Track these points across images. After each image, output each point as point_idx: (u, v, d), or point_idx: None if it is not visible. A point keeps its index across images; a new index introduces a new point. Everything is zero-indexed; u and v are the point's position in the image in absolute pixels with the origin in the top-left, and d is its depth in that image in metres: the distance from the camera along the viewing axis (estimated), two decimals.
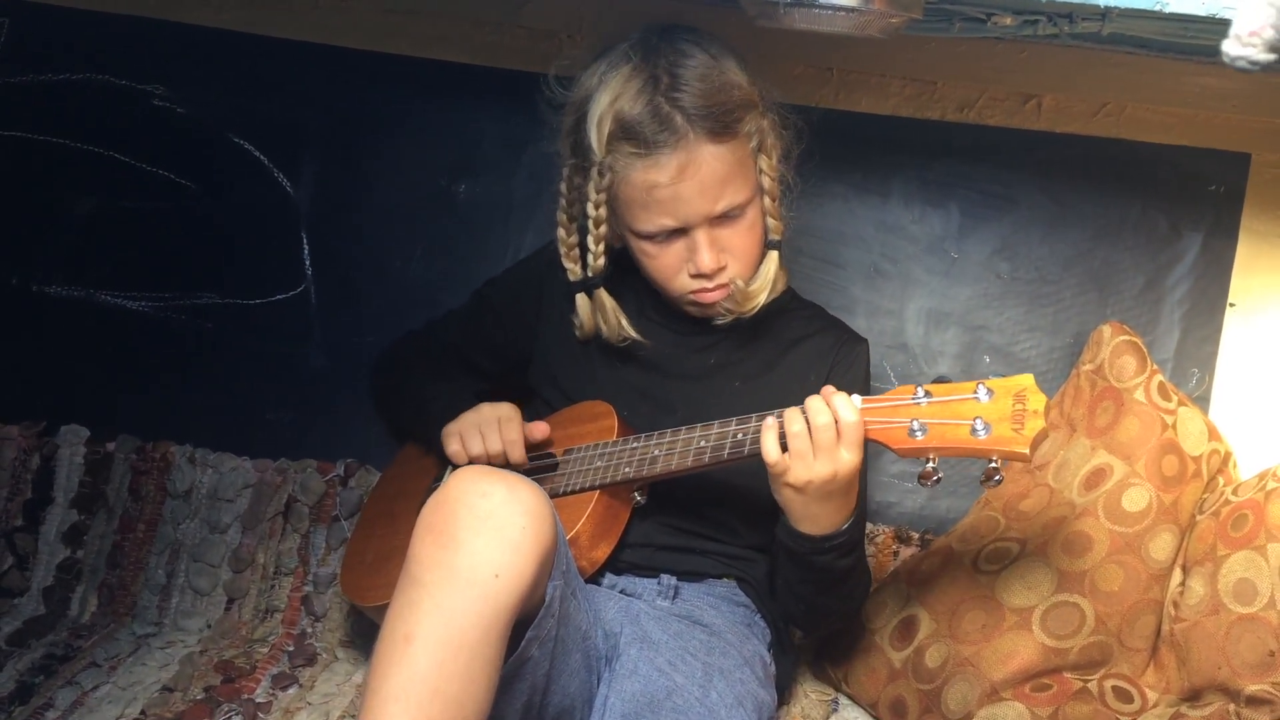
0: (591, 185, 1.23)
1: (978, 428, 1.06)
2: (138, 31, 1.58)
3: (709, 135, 1.20)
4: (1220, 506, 1.31)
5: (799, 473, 1.11)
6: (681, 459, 1.21)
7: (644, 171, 1.20)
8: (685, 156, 1.19)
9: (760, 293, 1.28)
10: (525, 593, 1.01)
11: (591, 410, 1.33)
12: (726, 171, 1.21)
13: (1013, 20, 1.15)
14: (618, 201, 1.24)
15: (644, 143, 1.19)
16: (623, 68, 1.22)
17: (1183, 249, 1.52)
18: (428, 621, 0.98)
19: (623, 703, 1.12)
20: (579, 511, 1.24)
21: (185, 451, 1.60)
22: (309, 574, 1.55)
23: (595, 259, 1.28)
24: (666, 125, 1.19)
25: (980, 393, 1.08)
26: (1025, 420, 1.06)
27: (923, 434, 1.08)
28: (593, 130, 1.21)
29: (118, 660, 1.44)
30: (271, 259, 1.61)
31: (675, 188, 1.20)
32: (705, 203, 1.22)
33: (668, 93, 1.19)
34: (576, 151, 1.27)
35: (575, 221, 1.32)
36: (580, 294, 1.33)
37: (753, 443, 1.15)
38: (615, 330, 1.32)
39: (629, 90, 1.20)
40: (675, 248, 1.25)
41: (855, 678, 1.40)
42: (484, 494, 1.02)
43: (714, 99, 1.20)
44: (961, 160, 1.54)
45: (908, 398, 1.11)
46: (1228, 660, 1.20)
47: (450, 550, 0.99)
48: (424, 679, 0.96)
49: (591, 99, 1.23)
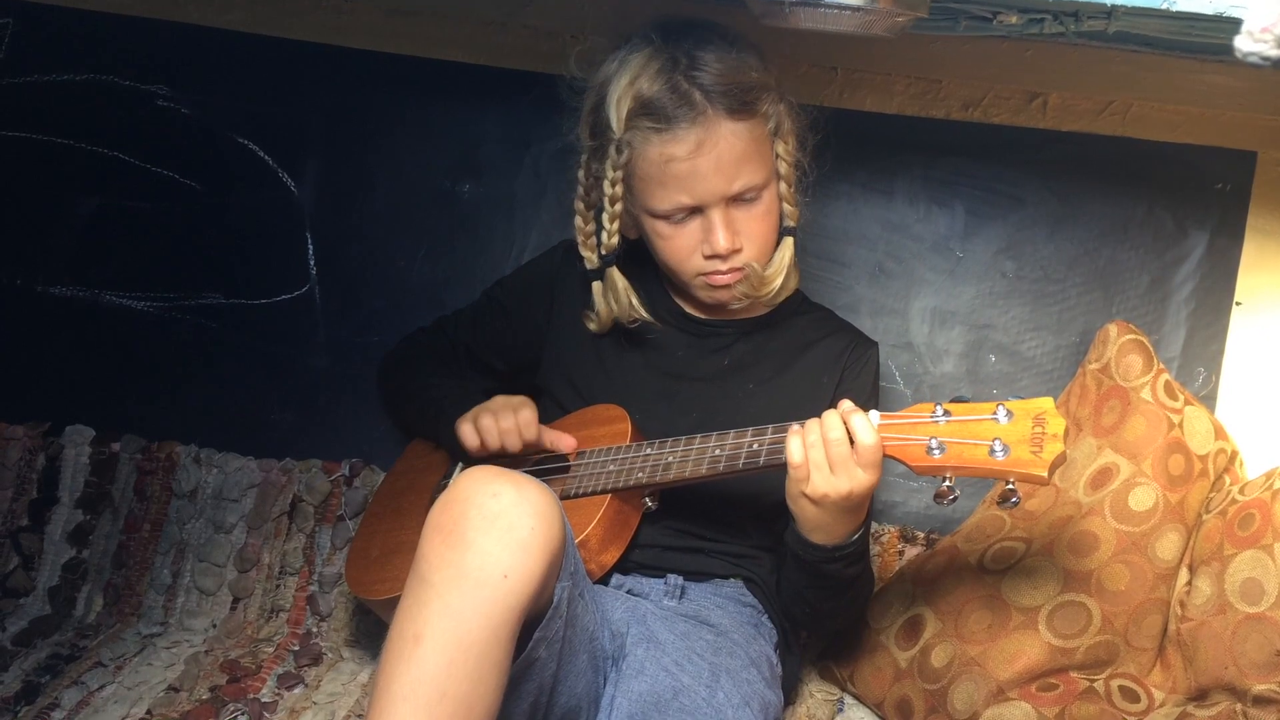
0: (609, 163, 1.24)
1: (996, 449, 1.07)
2: (142, 32, 1.58)
3: (727, 112, 1.21)
4: (1227, 506, 1.31)
5: (817, 484, 1.12)
6: (695, 467, 1.21)
7: (661, 145, 1.21)
8: (703, 132, 1.20)
9: (776, 278, 1.28)
10: (534, 593, 1.01)
11: (605, 413, 1.33)
12: (744, 150, 1.22)
13: (1018, 18, 1.15)
14: (634, 179, 1.24)
15: (663, 118, 1.20)
16: (643, 49, 1.23)
17: (1189, 247, 1.52)
18: (436, 621, 0.98)
19: (629, 702, 1.12)
20: (590, 515, 1.24)
21: (190, 451, 1.60)
22: (314, 574, 1.55)
23: (609, 237, 1.28)
24: (685, 101, 1.20)
25: (1000, 414, 1.09)
26: (1044, 443, 1.07)
27: (941, 453, 1.09)
28: (612, 109, 1.22)
29: (123, 660, 1.44)
30: (276, 259, 1.61)
31: (692, 162, 1.20)
32: (722, 181, 1.22)
33: (687, 71, 1.21)
34: (595, 133, 1.27)
35: (592, 210, 1.32)
36: (596, 283, 1.33)
37: (769, 454, 1.16)
38: (625, 310, 1.32)
39: (649, 70, 1.22)
40: (690, 228, 1.25)
41: (861, 677, 1.40)
42: (494, 494, 1.02)
43: (732, 78, 1.21)
44: (967, 159, 1.54)
45: (926, 415, 1.11)
46: (1234, 660, 1.20)
47: (459, 550, 0.99)
48: (433, 679, 0.96)
49: (611, 80, 1.24)
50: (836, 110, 1.51)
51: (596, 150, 1.27)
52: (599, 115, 1.25)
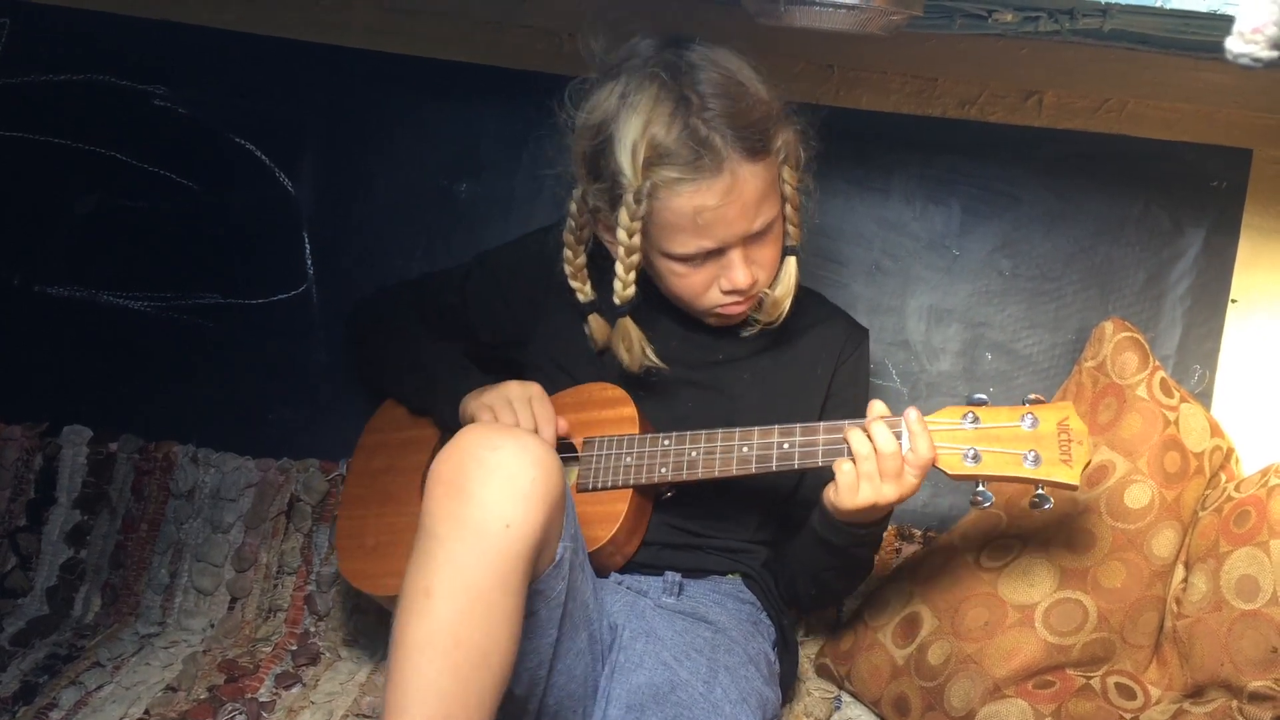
0: (624, 212, 1.18)
1: (1029, 457, 1.11)
2: (139, 32, 1.58)
3: (748, 154, 1.18)
4: (1223, 503, 1.31)
5: (866, 494, 1.15)
6: (725, 465, 1.21)
7: (691, 197, 1.17)
8: (730, 178, 1.17)
9: (785, 299, 1.28)
10: (536, 543, 1.03)
11: (603, 394, 1.31)
12: (764, 189, 1.20)
13: (1014, 17, 1.15)
14: (653, 226, 1.21)
15: (689, 168, 1.16)
16: (647, 88, 1.17)
17: (1184, 245, 1.52)
18: (444, 573, 1.00)
19: (627, 694, 1.13)
20: (615, 510, 1.24)
21: (188, 451, 1.60)
22: (312, 573, 1.55)
23: (624, 288, 1.24)
24: (708, 148, 1.16)
25: (1025, 421, 1.13)
26: (1072, 450, 1.11)
27: (976, 461, 1.12)
28: (624, 156, 1.17)
29: (121, 660, 1.44)
30: (273, 259, 1.61)
31: (720, 210, 1.18)
32: (745, 222, 1.20)
33: (700, 113, 1.16)
34: (597, 174, 1.22)
35: (583, 245, 1.30)
36: (593, 315, 1.32)
37: (802, 456, 1.18)
38: (638, 359, 1.29)
39: (660, 113, 1.16)
40: (707, 267, 1.24)
41: (858, 675, 1.40)
42: (494, 447, 1.03)
43: (746, 116, 1.18)
44: (963, 157, 1.54)
45: (956, 421, 1.15)
46: (1230, 657, 1.20)
47: (460, 502, 1.01)
48: (446, 629, 0.98)
49: (615, 122, 1.18)
50: (832, 108, 1.51)
51: (601, 193, 1.23)
52: (605, 159, 1.19)
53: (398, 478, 1.38)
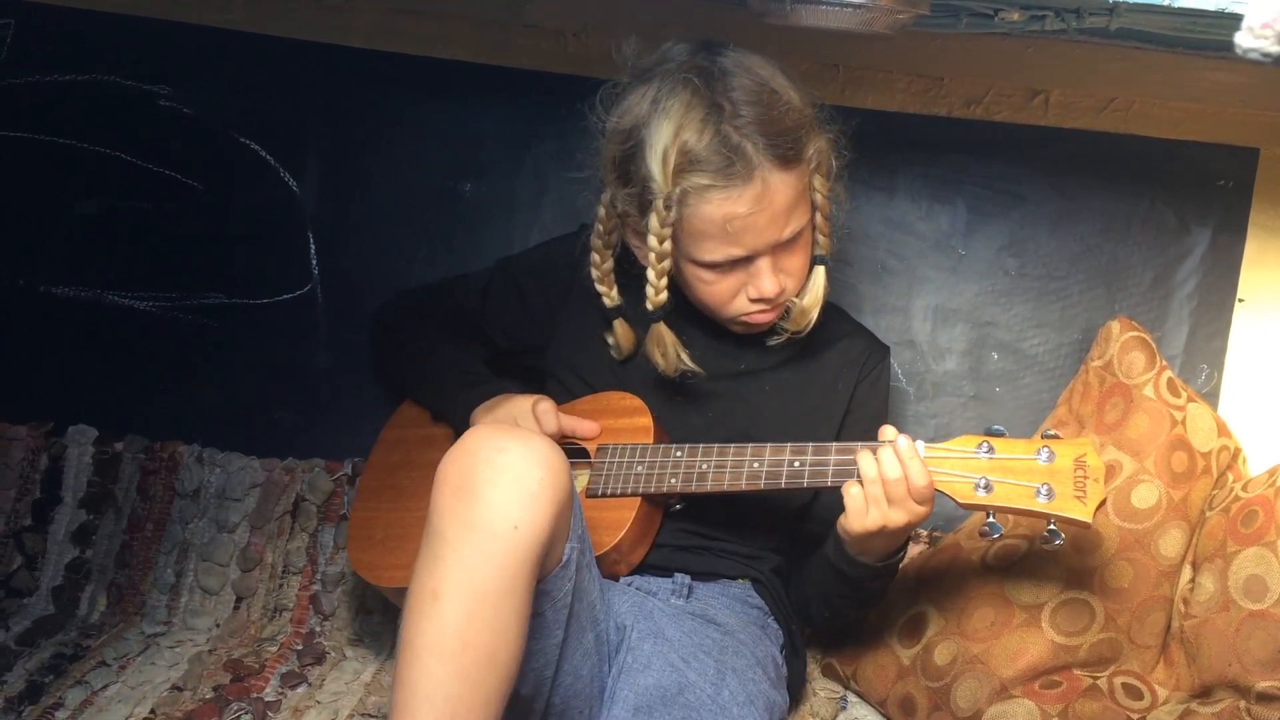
0: (654, 218, 1.18)
1: (1042, 491, 1.11)
2: (143, 32, 1.58)
3: (780, 163, 1.17)
4: (1230, 503, 1.31)
5: (875, 518, 1.14)
6: (734, 480, 1.21)
7: (721, 205, 1.17)
8: (761, 186, 1.17)
9: (813, 309, 1.28)
10: (544, 544, 1.02)
11: (620, 403, 1.32)
12: (795, 197, 1.20)
13: (1020, 15, 1.15)
14: (681, 232, 1.21)
15: (721, 175, 1.16)
16: (680, 94, 1.17)
17: (1191, 244, 1.52)
18: (452, 575, 0.99)
19: (635, 695, 1.13)
20: (623, 518, 1.24)
21: (193, 451, 1.60)
22: (317, 573, 1.55)
23: (657, 294, 1.23)
24: (740, 155, 1.15)
25: (1042, 455, 1.12)
26: (1087, 487, 1.10)
27: (987, 492, 1.12)
28: (654, 163, 1.17)
29: (127, 660, 1.44)
30: (278, 259, 1.61)
31: (751, 218, 1.18)
32: (774, 231, 1.20)
33: (732, 120, 1.16)
34: (627, 180, 1.22)
35: (611, 249, 1.29)
36: (619, 320, 1.31)
37: (812, 475, 1.18)
38: (674, 363, 1.28)
39: (691, 120, 1.16)
40: (735, 274, 1.23)
41: (864, 675, 1.40)
42: (500, 448, 1.03)
43: (779, 124, 1.17)
44: (968, 156, 1.53)
45: (970, 450, 1.14)
46: (1238, 657, 1.20)
47: (468, 503, 1.01)
48: (454, 631, 0.98)
49: (647, 127, 1.18)
50: (838, 108, 1.50)
51: (631, 198, 1.22)
52: (635, 164, 1.19)
53: (412, 473, 1.39)
